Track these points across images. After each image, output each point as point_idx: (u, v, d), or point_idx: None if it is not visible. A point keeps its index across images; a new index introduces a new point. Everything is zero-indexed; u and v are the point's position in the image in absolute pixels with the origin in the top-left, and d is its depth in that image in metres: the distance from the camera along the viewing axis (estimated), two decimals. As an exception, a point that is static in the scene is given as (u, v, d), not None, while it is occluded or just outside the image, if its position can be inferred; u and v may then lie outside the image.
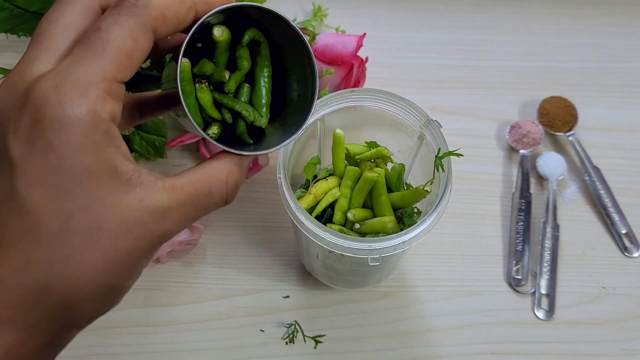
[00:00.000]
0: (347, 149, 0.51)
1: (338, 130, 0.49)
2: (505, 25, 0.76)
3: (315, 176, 0.53)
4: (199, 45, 0.35)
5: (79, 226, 0.25)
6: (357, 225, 0.49)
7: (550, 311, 0.57)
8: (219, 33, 0.34)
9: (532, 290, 0.58)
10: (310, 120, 0.37)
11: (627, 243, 0.61)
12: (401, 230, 0.45)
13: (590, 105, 0.69)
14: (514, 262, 0.59)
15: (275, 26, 0.35)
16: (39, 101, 0.25)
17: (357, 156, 0.51)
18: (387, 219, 0.48)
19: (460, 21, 0.76)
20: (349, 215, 0.49)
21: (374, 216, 0.50)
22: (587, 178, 0.64)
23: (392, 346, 0.55)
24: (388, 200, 0.49)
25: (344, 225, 0.50)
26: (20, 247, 0.25)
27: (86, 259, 0.25)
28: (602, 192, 0.63)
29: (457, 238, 0.61)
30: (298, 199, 0.49)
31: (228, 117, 0.36)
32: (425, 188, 0.47)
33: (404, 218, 0.50)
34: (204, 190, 0.30)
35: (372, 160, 0.52)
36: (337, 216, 0.50)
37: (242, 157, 0.33)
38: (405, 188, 0.53)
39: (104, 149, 0.26)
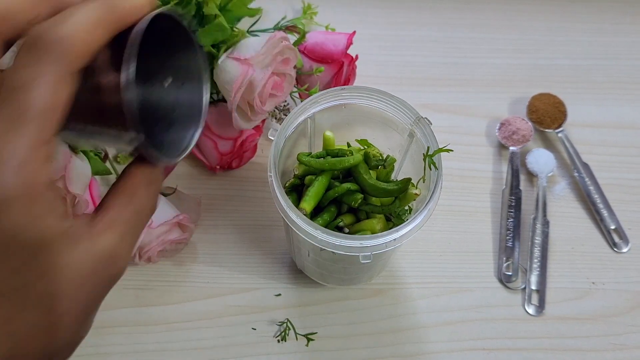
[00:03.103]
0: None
1: (328, 133, 0.49)
2: (495, 22, 0.76)
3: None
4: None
5: (37, 296, 0.25)
6: (346, 230, 0.49)
7: (541, 307, 0.57)
8: None
9: (523, 286, 0.58)
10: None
11: (616, 238, 0.61)
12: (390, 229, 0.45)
13: (579, 102, 0.70)
14: (504, 258, 0.59)
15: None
16: None
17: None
18: (375, 221, 0.49)
19: (450, 19, 0.76)
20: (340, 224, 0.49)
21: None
22: (576, 174, 0.64)
23: (383, 343, 0.55)
24: (378, 201, 0.50)
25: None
26: None
27: (48, 323, 0.25)
28: (591, 188, 0.63)
29: (447, 235, 0.61)
30: (288, 193, 0.49)
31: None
32: (414, 192, 0.47)
33: (393, 219, 0.50)
34: (134, 213, 0.29)
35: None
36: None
37: (157, 164, 0.30)
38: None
39: (47, 217, 0.24)
